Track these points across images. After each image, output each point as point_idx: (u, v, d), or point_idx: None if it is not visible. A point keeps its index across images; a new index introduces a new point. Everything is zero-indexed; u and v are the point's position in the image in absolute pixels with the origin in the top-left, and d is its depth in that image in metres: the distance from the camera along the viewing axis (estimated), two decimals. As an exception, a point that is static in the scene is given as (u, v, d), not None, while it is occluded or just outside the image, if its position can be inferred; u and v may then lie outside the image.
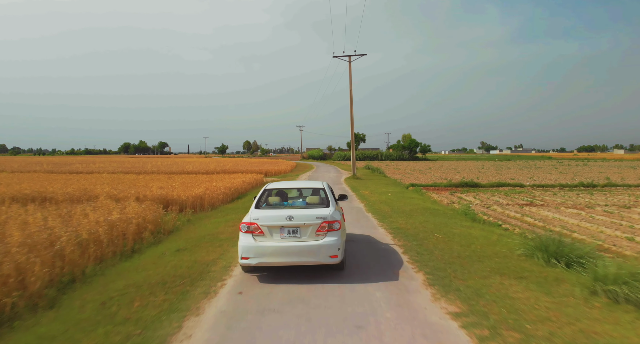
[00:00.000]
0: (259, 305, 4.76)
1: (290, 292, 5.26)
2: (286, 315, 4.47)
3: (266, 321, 4.30)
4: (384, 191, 18.34)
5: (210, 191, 15.31)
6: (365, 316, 4.36)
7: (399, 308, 4.60)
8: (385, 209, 12.69)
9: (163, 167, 40.53)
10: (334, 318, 4.35)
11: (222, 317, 4.41)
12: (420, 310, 4.52)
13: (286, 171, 38.51)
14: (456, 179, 31.53)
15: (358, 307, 4.64)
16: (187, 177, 24.38)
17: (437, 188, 24.44)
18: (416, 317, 4.33)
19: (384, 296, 4.98)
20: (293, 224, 5.65)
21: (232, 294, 5.17)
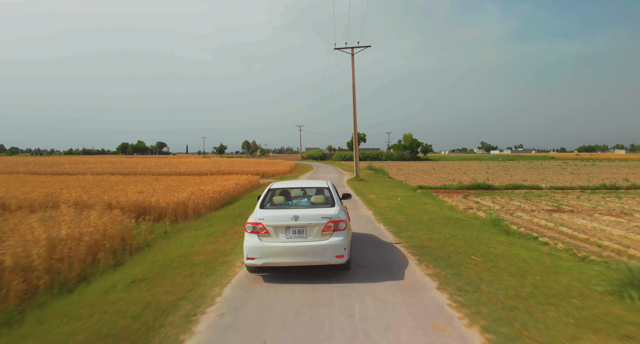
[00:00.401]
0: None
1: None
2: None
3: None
4: (392, 195, 16.43)
5: (196, 196, 13.39)
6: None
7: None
8: (398, 218, 10.78)
9: (155, 168, 38.61)
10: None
11: None
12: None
13: (284, 171, 36.59)
14: (465, 181, 29.67)
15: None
16: (176, 179, 22.46)
17: (447, 191, 22.54)
18: None
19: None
20: (299, 224, 5.61)
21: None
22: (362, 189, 19.19)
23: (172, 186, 17.12)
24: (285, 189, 7.32)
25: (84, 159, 71.92)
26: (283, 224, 5.62)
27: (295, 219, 5.60)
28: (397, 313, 4.43)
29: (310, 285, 5.51)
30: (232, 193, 17.27)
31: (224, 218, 11.38)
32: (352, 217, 10.98)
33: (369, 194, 17.01)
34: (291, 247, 5.53)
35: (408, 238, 8.20)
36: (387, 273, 5.91)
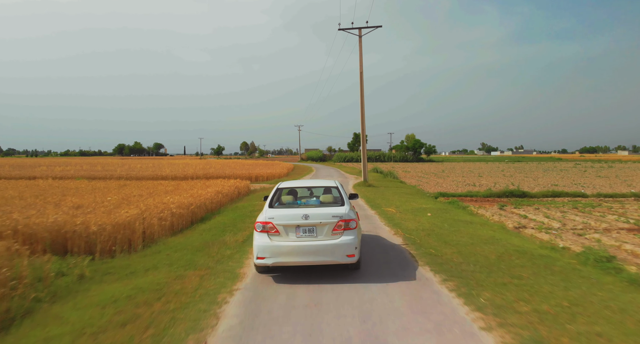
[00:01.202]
0: None
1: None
2: None
3: None
4: (416, 208, 12.64)
5: (152, 213, 9.59)
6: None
7: None
8: (447, 252, 7.00)
9: (137, 170, 34.81)
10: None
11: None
12: None
13: (281, 174, 32.77)
14: (483, 185, 25.97)
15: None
16: (149, 185, 18.65)
17: (476, 199, 18.78)
18: None
19: None
20: (309, 223, 5.58)
21: None
22: (374, 198, 15.39)
23: (133, 195, 13.32)
24: (293, 189, 7.25)
25: (70, 161, 68.03)
26: (293, 223, 5.59)
27: (306, 218, 5.57)
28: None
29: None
30: (210, 205, 13.47)
31: (181, 250, 7.58)
32: (373, 249, 7.33)
33: (386, 206, 13.21)
34: (302, 247, 5.50)
35: (497, 311, 4.37)
36: None
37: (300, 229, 5.58)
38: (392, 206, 13.19)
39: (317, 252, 5.46)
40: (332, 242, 5.50)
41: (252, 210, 12.55)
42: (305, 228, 5.58)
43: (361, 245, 6.40)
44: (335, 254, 5.48)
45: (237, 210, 12.74)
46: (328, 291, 5.20)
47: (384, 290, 5.14)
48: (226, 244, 7.78)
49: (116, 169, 36.85)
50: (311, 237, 5.57)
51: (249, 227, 9.57)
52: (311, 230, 5.58)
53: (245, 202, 15.15)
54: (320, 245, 5.48)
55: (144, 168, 39.76)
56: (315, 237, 5.57)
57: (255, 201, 15.02)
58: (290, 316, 4.41)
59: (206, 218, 12.14)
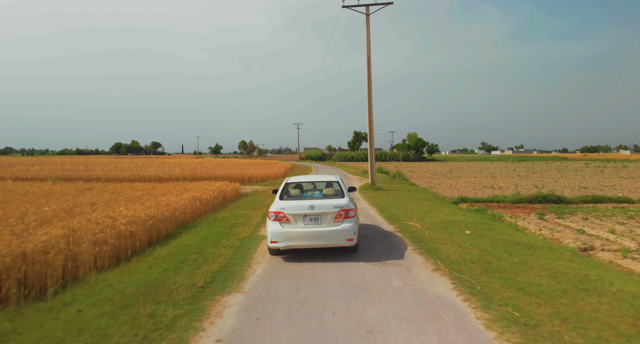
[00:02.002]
0: None
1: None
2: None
3: None
4: (445, 221, 9.79)
5: (86, 233, 6.77)
6: None
7: None
8: (537, 314, 4.18)
9: (121, 170, 31.99)
10: None
11: None
12: None
13: (277, 175, 29.88)
14: (502, 187, 23.10)
15: None
16: (121, 188, 15.83)
17: (503, 205, 15.96)
18: None
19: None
20: (314, 213, 6.47)
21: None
22: (388, 207, 12.53)
23: (83, 204, 10.48)
24: (300, 183, 8.17)
25: (59, 160, 65.07)
26: (301, 213, 6.48)
27: (312, 208, 6.49)
28: None
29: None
30: (182, 217, 10.63)
31: (103, 303, 4.73)
32: (411, 306, 4.45)
33: (406, 218, 10.34)
34: (308, 232, 6.38)
35: None
36: None
37: (307, 217, 6.48)
38: (414, 218, 10.33)
39: (322, 237, 6.37)
40: (335, 229, 6.40)
41: (234, 224, 9.70)
42: (311, 217, 6.49)
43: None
44: (337, 238, 6.39)
45: (215, 224, 9.89)
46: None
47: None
48: (173, 294, 4.92)
49: (94, 169, 33.98)
50: (316, 225, 6.47)
51: (221, 256, 6.73)
52: (316, 218, 6.49)
53: (229, 211, 12.30)
54: (324, 231, 6.37)
55: (130, 167, 36.89)
56: (320, 224, 6.46)
57: (241, 210, 12.17)
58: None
59: (173, 235, 9.30)
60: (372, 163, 18.10)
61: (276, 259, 6.62)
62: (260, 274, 5.80)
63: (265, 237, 8.34)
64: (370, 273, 5.73)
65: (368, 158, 18.05)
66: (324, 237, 6.36)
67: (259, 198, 15.34)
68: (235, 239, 7.99)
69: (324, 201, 6.69)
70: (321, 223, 6.45)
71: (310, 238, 6.35)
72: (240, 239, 8.03)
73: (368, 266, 6.06)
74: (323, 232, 6.35)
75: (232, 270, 5.96)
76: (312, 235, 6.34)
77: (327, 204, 6.55)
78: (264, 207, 12.60)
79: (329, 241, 6.39)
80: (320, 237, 6.35)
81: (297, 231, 6.37)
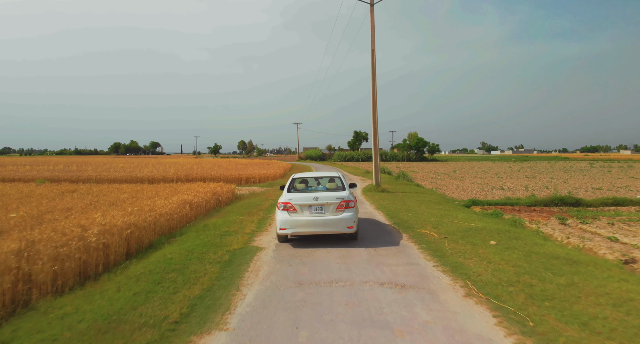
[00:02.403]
0: None
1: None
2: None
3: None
4: (463, 228, 8.67)
5: (46, 247, 5.65)
6: None
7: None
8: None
9: (114, 171, 30.90)
10: None
11: None
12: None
13: (276, 176, 28.75)
14: (511, 188, 21.95)
15: None
16: (107, 190, 14.75)
17: (517, 208, 14.85)
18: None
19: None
20: (319, 203, 7.27)
21: None
22: (397, 211, 11.42)
23: (57, 209, 9.36)
24: (305, 178, 8.99)
25: (54, 160, 63.87)
26: (307, 203, 7.26)
27: (316, 199, 7.28)
28: None
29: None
30: (168, 223, 9.50)
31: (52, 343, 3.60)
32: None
33: (419, 225, 9.21)
34: (313, 220, 7.19)
35: None
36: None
37: (312, 207, 7.31)
38: (428, 224, 9.21)
39: (325, 224, 7.23)
40: (337, 217, 7.25)
41: (225, 232, 8.58)
42: (315, 207, 7.31)
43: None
44: (339, 226, 7.25)
45: (204, 232, 8.77)
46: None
47: None
48: (136, 333, 3.79)
49: (86, 169, 32.86)
50: (320, 214, 7.30)
51: (206, 276, 5.61)
52: (320, 208, 7.32)
53: (222, 216, 11.18)
54: (327, 219, 7.24)
55: (125, 167, 35.77)
56: (324, 213, 7.30)
57: (235, 215, 11.05)
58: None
59: (156, 245, 8.18)
60: (377, 163, 16.98)
61: (272, 280, 5.50)
62: (250, 301, 4.69)
63: (260, 248, 7.28)
64: (388, 301, 4.60)
65: (372, 158, 16.93)
66: (327, 225, 7.18)
67: (256, 201, 14.23)
68: (224, 252, 6.88)
69: (327, 193, 7.56)
70: (324, 212, 7.25)
71: (314, 225, 7.18)
72: (230, 252, 6.92)
73: (384, 291, 4.94)
74: (326, 221, 7.17)
75: (217, 296, 4.84)
76: (317, 223, 7.17)
77: (330, 195, 7.38)
78: (260, 212, 11.50)
79: (331, 228, 7.21)
80: (323, 224, 7.18)
81: (303, 219, 7.19)
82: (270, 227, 9.36)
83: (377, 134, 16.59)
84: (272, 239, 8.07)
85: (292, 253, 6.90)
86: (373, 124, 16.52)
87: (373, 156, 16.85)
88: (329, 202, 7.27)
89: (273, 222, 9.87)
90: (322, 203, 7.27)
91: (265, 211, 11.66)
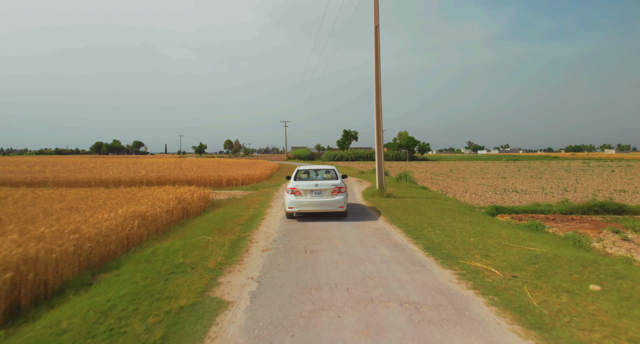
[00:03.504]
0: None
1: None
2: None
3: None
4: (526, 257, 5.98)
5: None
6: None
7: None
8: None
9: (78, 172, 27.56)
10: None
11: None
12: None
13: (261, 177, 25.77)
14: (527, 191, 19.26)
15: None
16: (49, 195, 11.68)
17: (552, 217, 12.32)
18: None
19: None
20: (318, 189, 9.50)
21: None
22: (419, 227, 8.64)
23: None
24: (307, 170, 11.32)
25: (23, 160, 59.43)
26: (309, 189, 9.47)
27: (316, 185, 9.54)
28: None
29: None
30: (98, 250, 6.56)
31: None
32: None
33: (463, 254, 6.38)
34: (314, 201, 9.43)
35: None
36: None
37: (313, 192, 9.49)
38: (472, 250, 6.47)
39: (323, 204, 9.44)
40: (331, 199, 9.46)
41: (178, 267, 5.68)
42: (315, 191, 9.50)
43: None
44: (333, 205, 9.47)
45: (148, 265, 5.86)
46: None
47: None
48: None
49: (48, 170, 29.37)
50: (319, 197, 9.49)
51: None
52: (319, 193, 9.50)
53: (184, 235, 8.26)
54: (324, 200, 9.44)
55: (94, 168, 32.33)
56: (322, 196, 9.50)
57: (201, 233, 8.15)
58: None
59: (70, 289, 5.26)
60: (381, 163, 14.22)
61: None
62: None
63: (223, 305, 4.34)
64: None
65: (375, 157, 14.18)
66: (324, 205, 9.45)
67: (233, 211, 11.33)
68: (162, 316, 4.02)
69: (324, 181, 9.84)
70: (322, 196, 9.50)
71: (314, 205, 9.44)
72: (172, 315, 4.06)
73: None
74: (324, 202, 9.44)
75: None
76: (316, 203, 9.43)
77: (326, 183, 9.64)
78: (237, 228, 8.63)
79: (327, 207, 9.47)
80: (321, 204, 9.44)
81: (306, 200, 9.43)
82: (247, 255, 6.51)
83: (381, 129, 13.86)
84: (248, 281, 5.22)
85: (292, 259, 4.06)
86: (376, 116, 13.77)
87: (376, 155, 14.12)
88: (325, 188, 9.47)
89: (252, 246, 7.05)
90: (321, 189, 9.46)
91: (243, 227, 8.79)
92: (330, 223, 9.25)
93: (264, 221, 9.73)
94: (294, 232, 8.32)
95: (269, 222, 9.56)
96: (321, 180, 10.05)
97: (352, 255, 6.36)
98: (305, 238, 7.67)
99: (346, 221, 9.56)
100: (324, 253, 6.50)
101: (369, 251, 6.58)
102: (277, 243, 7.26)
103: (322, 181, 9.87)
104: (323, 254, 6.46)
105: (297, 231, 8.46)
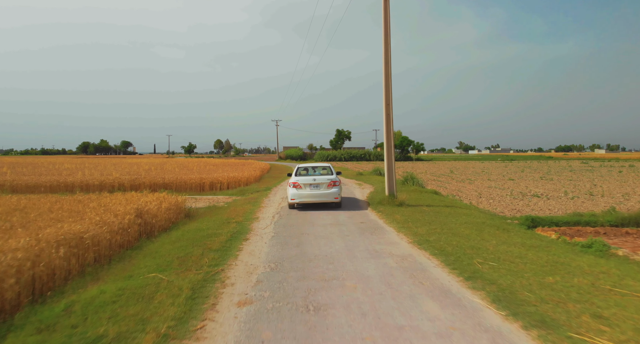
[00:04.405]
0: None
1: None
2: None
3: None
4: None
5: None
6: None
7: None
8: None
9: (45, 174, 24.78)
10: None
11: None
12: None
13: (250, 179, 23.23)
14: (546, 195, 17.22)
15: None
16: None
17: (603, 231, 10.11)
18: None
19: None
20: (316, 183, 11.15)
21: None
22: (462, 255, 6.32)
23: None
24: (306, 167, 12.77)
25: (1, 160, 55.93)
26: (308, 183, 11.17)
27: (314, 180, 11.23)
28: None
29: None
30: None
31: None
32: None
33: (564, 314, 4.13)
34: (312, 193, 11.07)
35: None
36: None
37: (312, 185, 11.15)
38: (569, 303, 4.17)
39: (320, 196, 11.05)
40: (327, 191, 11.09)
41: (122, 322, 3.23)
42: (314, 185, 11.15)
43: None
44: (328, 197, 11.08)
45: (51, 335, 3.39)
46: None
47: None
48: None
49: (9, 172, 26.54)
50: (317, 189, 11.11)
51: None
52: (317, 186, 11.14)
53: (130, 270, 5.80)
54: (321, 193, 11.05)
55: (69, 169, 29.48)
56: (319, 189, 11.11)
57: (155, 267, 5.69)
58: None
59: None
60: (392, 165, 11.82)
61: None
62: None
63: None
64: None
65: (385, 156, 11.77)
66: (321, 197, 11.08)
67: (209, 226, 8.85)
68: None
69: (321, 176, 11.61)
70: (320, 189, 11.15)
71: (313, 197, 11.08)
72: None
73: None
74: (321, 194, 11.08)
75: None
76: (314, 195, 11.07)
77: (323, 178, 11.38)
78: (208, 256, 6.18)
79: (324, 199, 11.11)
80: (319, 196, 11.08)
81: (306, 193, 11.10)
82: (212, 316, 4.08)
83: (391, 123, 11.51)
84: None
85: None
86: (385, 108, 11.41)
87: (385, 154, 11.73)
88: (322, 182, 11.21)
89: (224, 296, 4.63)
90: (318, 183, 11.21)
91: (217, 255, 6.33)
92: (338, 247, 6.86)
93: (247, 243, 7.29)
94: (288, 263, 5.90)
95: (253, 245, 7.13)
96: (319, 175, 11.81)
97: (381, 316, 3.96)
98: (305, 276, 5.27)
99: (358, 244, 7.15)
100: (336, 312, 4.08)
101: (406, 307, 4.18)
102: (263, 287, 4.85)
103: (320, 176, 11.65)
104: (334, 314, 4.05)
105: (293, 260, 6.05)
